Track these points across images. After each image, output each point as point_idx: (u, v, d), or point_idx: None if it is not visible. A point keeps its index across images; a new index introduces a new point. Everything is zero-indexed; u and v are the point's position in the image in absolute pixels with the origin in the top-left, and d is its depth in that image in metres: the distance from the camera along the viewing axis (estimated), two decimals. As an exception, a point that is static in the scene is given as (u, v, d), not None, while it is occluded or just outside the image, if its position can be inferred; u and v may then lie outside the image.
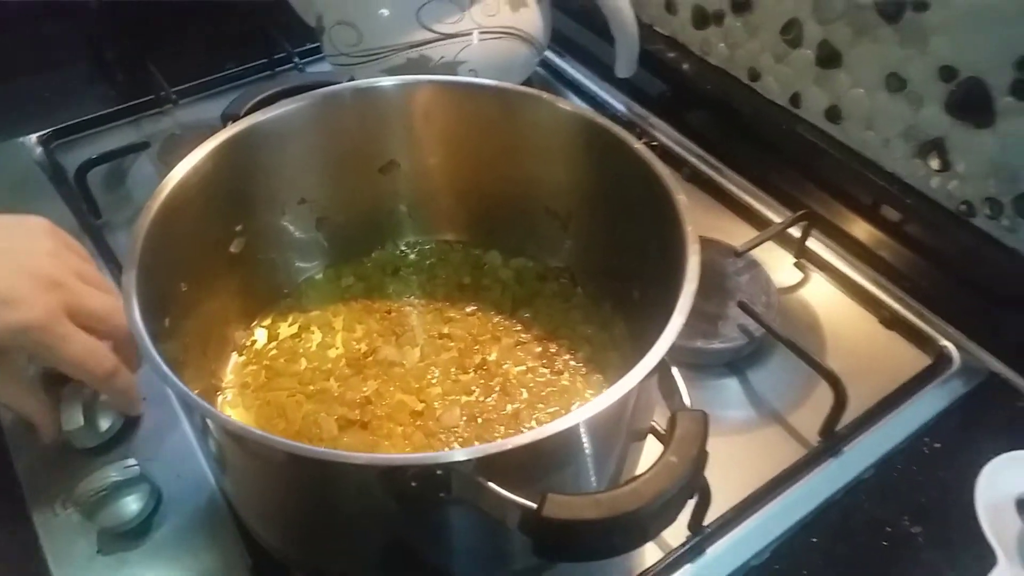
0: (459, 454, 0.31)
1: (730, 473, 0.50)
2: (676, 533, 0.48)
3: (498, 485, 0.31)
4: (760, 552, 0.48)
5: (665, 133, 0.76)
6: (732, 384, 0.57)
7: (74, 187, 0.67)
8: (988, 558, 0.46)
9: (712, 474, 0.44)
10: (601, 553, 0.32)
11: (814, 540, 0.49)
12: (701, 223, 0.41)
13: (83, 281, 0.46)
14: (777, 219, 0.66)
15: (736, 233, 0.66)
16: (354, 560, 0.41)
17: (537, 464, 0.34)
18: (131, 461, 0.49)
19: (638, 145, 0.44)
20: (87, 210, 0.67)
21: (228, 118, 0.46)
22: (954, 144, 0.58)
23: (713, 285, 0.59)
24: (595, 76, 0.82)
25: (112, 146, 0.70)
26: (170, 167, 0.42)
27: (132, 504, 0.48)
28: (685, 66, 0.77)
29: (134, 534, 0.48)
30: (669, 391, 0.39)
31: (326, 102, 0.48)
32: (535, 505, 0.30)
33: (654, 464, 0.32)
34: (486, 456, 0.31)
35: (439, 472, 0.31)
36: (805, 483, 0.51)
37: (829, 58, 0.64)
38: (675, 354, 0.37)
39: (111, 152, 0.68)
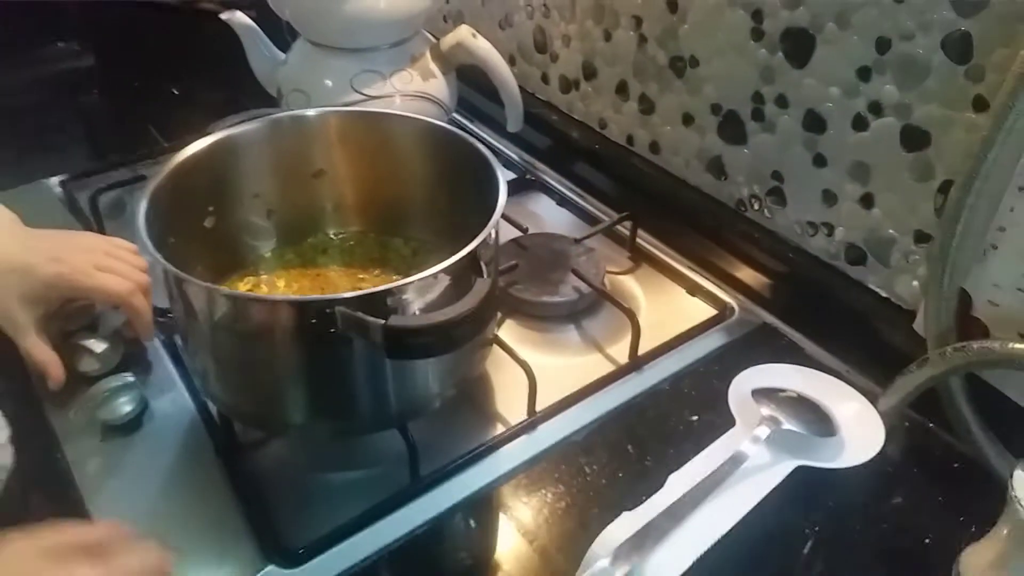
0: (345, 294, 0.52)
1: (562, 381, 0.71)
2: (517, 414, 0.68)
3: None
4: (578, 431, 0.68)
5: (545, 172, 1.00)
6: (571, 328, 0.78)
7: (87, 210, 0.89)
8: (732, 422, 0.67)
9: (546, 379, 0.65)
10: (423, 352, 0.52)
11: (619, 424, 0.69)
12: (564, 227, 0.63)
13: (115, 257, 0.67)
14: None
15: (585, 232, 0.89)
16: (275, 403, 0.61)
17: (391, 303, 0.54)
18: (127, 374, 0.69)
19: (471, 139, 0.67)
20: (96, 228, 0.88)
21: (209, 132, 0.68)
22: (727, 159, 0.82)
23: (558, 263, 0.81)
24: (495, 132, 1.06)
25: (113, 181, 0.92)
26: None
27: (126, 405, 0.68)
28: (555, 118, 1.01)
29: (128, 428, 0.67)
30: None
31: (273, 124, 0.71)
32: (384, 320, 0.50)
33: (458, 303, 0.53)
34: (362, 295, 0.52)
35: (328, 310, 0.52)
36: (614, 388, 0.72)
37: (647, 108, 0.89)
38: (527, 307, 0.58)
39: (117, 183, 0.90)
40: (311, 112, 0.72)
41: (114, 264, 0.66)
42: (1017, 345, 0.58)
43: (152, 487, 0.62)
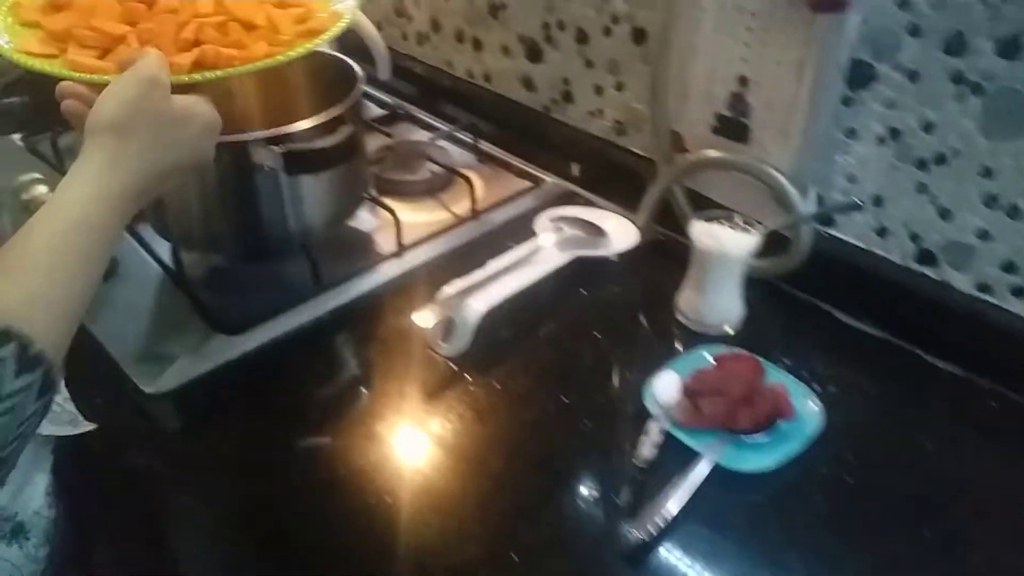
0: (258, 133, 0.80)
1: (423, 230, 1.00)
2: (389, 247, 0.97)
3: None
4: (434, 259, 0.97)
5: (411, 108, 1.30)
6: (428, 200, 1.08)
7: (50, 154, 1.14)
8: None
9: (411, 228, 0.95)
10: (310, 167, 0.81)
11: (465, 253, 0.98)
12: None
13: None
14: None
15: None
16: (210, 226, 0.88)
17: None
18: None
19: (337, 53, 0.96)
20: (57, 162, 1.13)
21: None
22: (534, 75, 1.13)
23: (418, 156, 1.11)
24: (370, 84, 1.35)
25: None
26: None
27: None
28: (417, 69, 1.32)
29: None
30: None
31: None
32: (283, 149, 0.78)
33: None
34: (276, 134, 0.80)
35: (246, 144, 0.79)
36: (459, 231, 1.01)
37: (478, 47, 1.19)
38: (395, 187, 0.93)
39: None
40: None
41: None
42: (705, 152, 0.90)
43: (133, 311, 0.88)
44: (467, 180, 1.04)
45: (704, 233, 0.83)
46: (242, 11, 0.70)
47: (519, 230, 1.00)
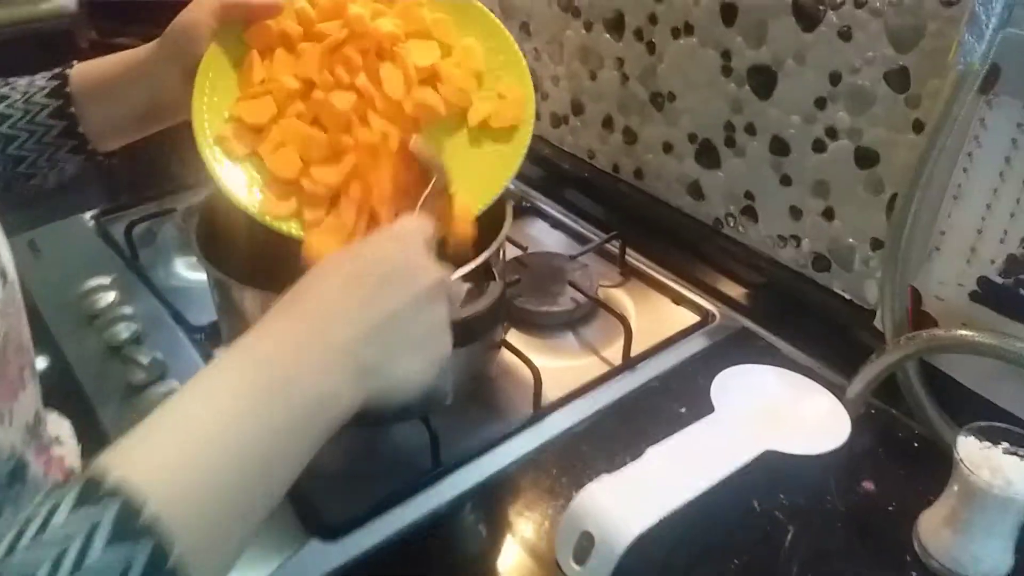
0: None
1: (563, 381, 0.79)
2: (524, 409, 0.76)
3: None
4: (579, 423, 0.76)
5: (540, 199, 1.10)
6: (569, 335, 0.87)
7: (121, 241, 0.97)
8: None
9: (548, 379, 0.74)
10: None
11: (615, 416, 0.77)
12: (559, 247, 0.72)
13: None
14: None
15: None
16: None
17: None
18: (173, 381, 0.76)
19: None
20: (131, 255, 0.96)
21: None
22: (704, 182, 0.92)
23: (556, 277, 0.90)
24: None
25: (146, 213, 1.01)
26: (189, 228, 0.70)
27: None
28: (547, 151, 1.11)
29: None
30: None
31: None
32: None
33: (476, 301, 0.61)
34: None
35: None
36: (609, 385, 0.80)
37: (630, 139, 0.98)
38: (530, 317, 0.69)
39: (151, 214, 0.99)
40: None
41: None
42: (961, 331, 0.67)
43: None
44: (622, 321, 0.82)
45: (981, 462, 0.60)
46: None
47: (685, 386, 0.79)
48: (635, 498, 0.63)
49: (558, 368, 0.81)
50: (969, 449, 0.61)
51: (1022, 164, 0.62)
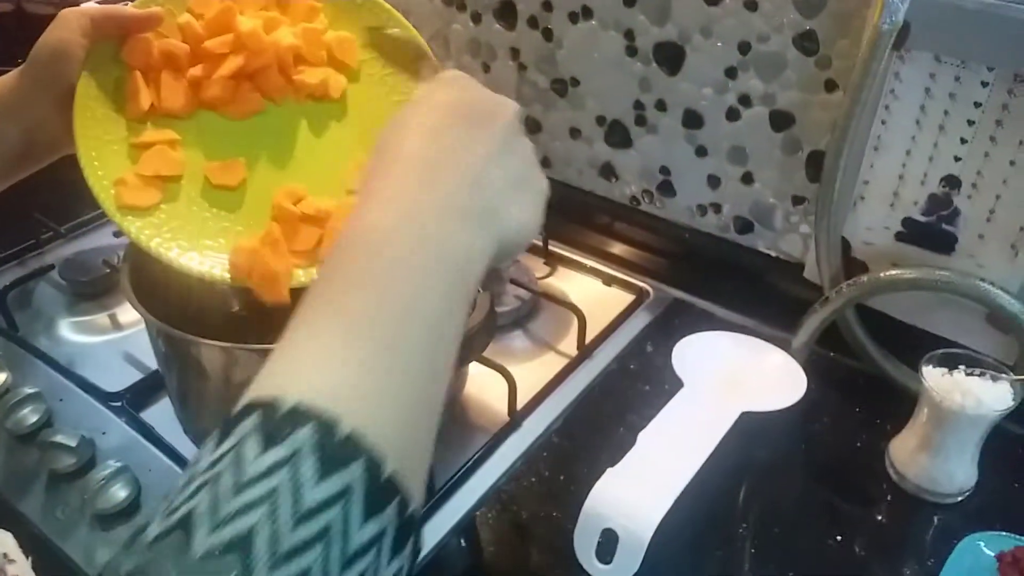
0: None
1: (529, 381, 0.77)
2: (499, 417, 0.74)
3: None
4: (555, 420, 0.75)
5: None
6: (519, 333, 0.86)
7: (-7, 310, 0.85)
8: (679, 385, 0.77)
9: (517, 379, 0.72)
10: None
11: (587, 406, 0.77)
12: None
13: None
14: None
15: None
16: None
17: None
18: (110, 462, 0.68)
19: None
20: (7, 325, 0.84)
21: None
22: (616, 162, 0.93)
23: (493, 277, 0.88)
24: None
25: (16, 276, 0.88)
26: (74, 282, 0.62)
27: (120, 492, 0.67)
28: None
29: (126, 514, 0.67)
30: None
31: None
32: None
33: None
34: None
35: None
36: (573, 377, 0.80)
37: (534, 128, 0.98)
38: None
39: (24, 276, 0.87)
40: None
41: None
42: (896, 271, 0.72)
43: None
44: (575, 311, 0.82)
45: (950, 386, 0.65)
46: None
47: (642, 364, 0.80)
48: (646, 487, 0.63)
49: (519, 369, 0.80)
50: (934, 377, 0.66)
51: (936, 111, 0.68)
